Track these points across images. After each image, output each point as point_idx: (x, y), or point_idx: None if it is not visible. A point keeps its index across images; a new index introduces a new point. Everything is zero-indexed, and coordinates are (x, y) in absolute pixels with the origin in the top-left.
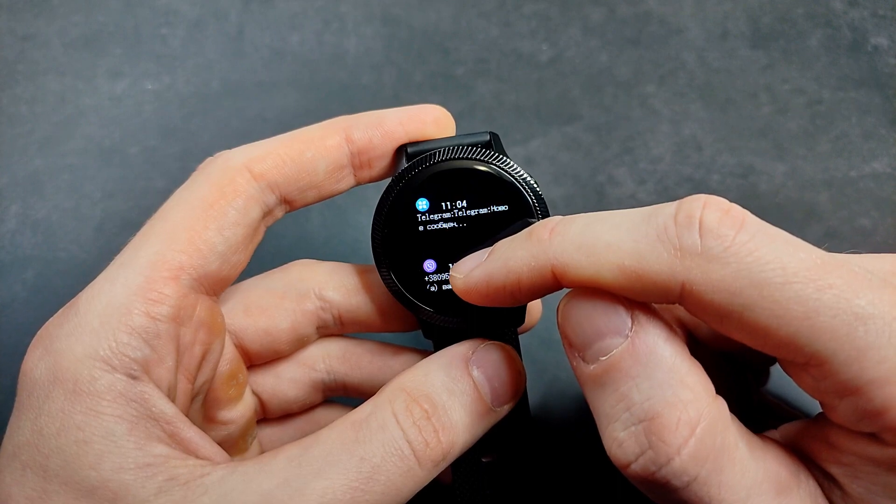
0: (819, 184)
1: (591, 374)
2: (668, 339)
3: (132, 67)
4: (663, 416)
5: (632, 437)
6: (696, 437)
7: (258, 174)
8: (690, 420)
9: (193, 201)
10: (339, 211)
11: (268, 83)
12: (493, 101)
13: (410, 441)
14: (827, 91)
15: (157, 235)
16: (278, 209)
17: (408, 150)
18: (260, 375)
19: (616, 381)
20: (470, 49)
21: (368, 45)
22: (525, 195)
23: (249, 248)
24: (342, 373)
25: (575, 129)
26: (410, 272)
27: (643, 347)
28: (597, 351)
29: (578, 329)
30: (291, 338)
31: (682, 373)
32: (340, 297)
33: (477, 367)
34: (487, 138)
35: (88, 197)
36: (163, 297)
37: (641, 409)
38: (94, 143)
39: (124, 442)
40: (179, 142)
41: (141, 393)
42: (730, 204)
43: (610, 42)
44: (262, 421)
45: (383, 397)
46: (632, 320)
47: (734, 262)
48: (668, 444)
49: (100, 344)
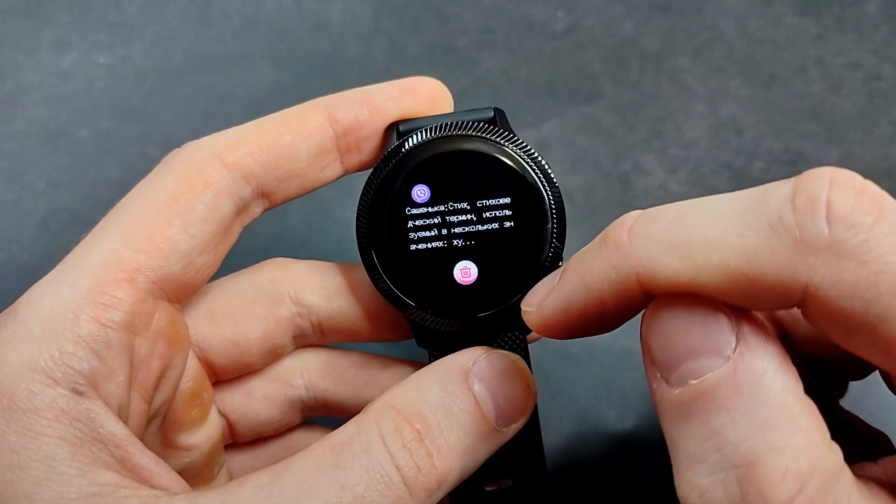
0: (879, 173)
1: (674, 399)
2: (781, 367)
3: (81, 38)
4: (766, 463)
5: (720, 485)
6: (804, 496)
7: (231, 163)
8: (800, 472)
9: (155, 195)
10: (323, 204)
11: (239, 56)
12: (501, 77)
13: (399, 467)
14: (888, 65)
15: (113, 233)
16: (255, 205)
17: (399, 128)
18: (227, 393)
19: (707, 412)
20: (474, 16)
21: (356, 11)
22: (536, 183)
23: (220, 250)
24: (323, 389)
25: (595, 110)
26: (400, 265)
27: (747, 375)
28: (687, 372)
29: (666, 343)
30: (263, 349)
31: (795, 412)
32: (320, 300)
33: (478, 381)
34: (492, 114)
35: (30, 188)
36: (115, 302)
37: (737, 451)
38: (37, 125)
39: (66, 468)
40: (136, 124)
41: (87, 411)
42: (863, 181)
43: (636, 8)
44: (230, 446)
45: (369, 416)
46: (736, 339)
47: (873, 261)
48: (768, 500)
49: (41, 354)
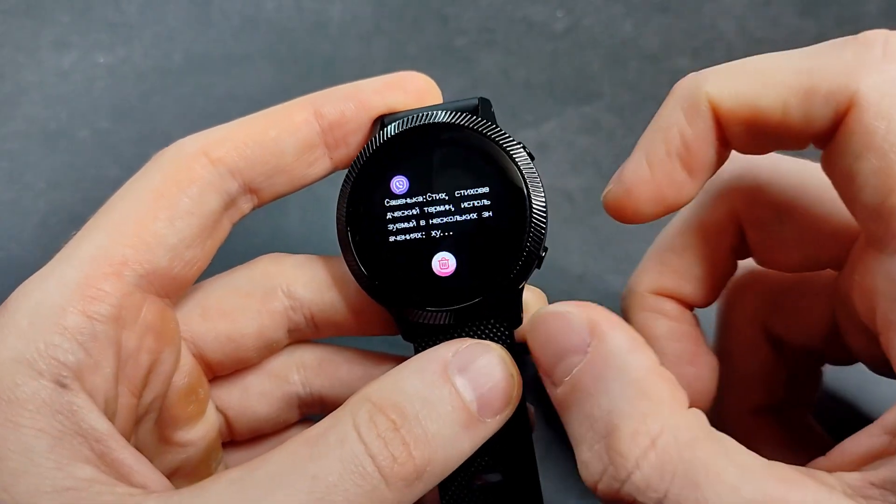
0: None
1: (557, 397)
2: (632, 349)
3: (81, 38)
4: (621, 429)
5: (595, 456)
6: (657, 450)
7: (216, 159)
8: (650, 432)
9: (142, 191)
10: (322, 203)
11: (238, 56)
12: (500, 77)
13: (374, 456)
14: None
15: (100, 228)
16: (243, 200)
17: (384, 120)
18: (224, 389)
19: (580, 400)
20: (473, 16)
21: (356, 12)
22: (514, 172)
23: (209, 245)
24: (319, 385)
25: (595, 110)
26: (379, 257)
27: (600, 361)
28: (561, 372)
29: (542, 351)
30: (258, 343)
31: (646, 384)
32: (311, 293)
33: (458, 371)
34: (476, 103)
35: (30, 187)
36: (102, 295)
37: (602, 425)
38: (37, 125)
39: (43, 460)
40: (136, 124)
41: (69, 404)
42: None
43: (636, 8)
44: (229, 444)
45: (345, 409)
46: (590, 335)
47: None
48: (625, 458)
49: (27, 346)
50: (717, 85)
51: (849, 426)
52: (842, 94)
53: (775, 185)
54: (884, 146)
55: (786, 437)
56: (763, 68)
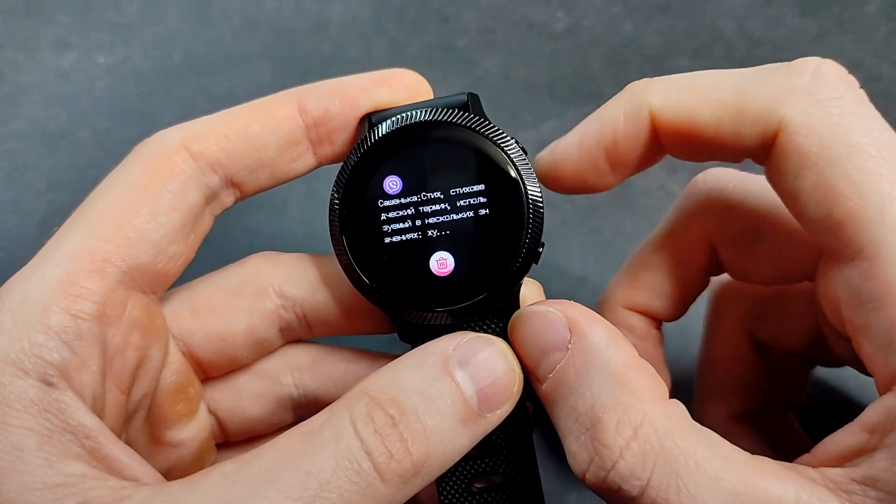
0: None
1: (544, 393)
2: (611, 345)
3: (82, 38)
4: (604, 420)
5: (581, 446)
6: (639, 439)
7: (197, 152)
8: (632, 422)
9: (123, 185)
10: (322, 203)
11: (238, 56)
12: (501, 78)
13: (370, 452)
14: (888, 66)
15: (82, 224)
16: (225, 194)
17: (371, 118)
18: (216, 390)
19: (565, 395)
20: (473, 16)
21: (355, 12)
22: (509, 167)
23: (191, 239)
24: (313, 386)
25: (595, 110)
26: (375, 259)
27: (581, 357)
28: (545, 370)
29: (527, 351)
30: (249, 342)
31: (626, 377)
32: (303, 292)
33: (459, 365)
34: (465, 99)
35: (31, 188)
36: (85, 292)
37: (586, 417)
38: (37, 125)
39: (32, 458)
40: (136, 124)
41: (56, 402)
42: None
43: (635, 8)
44: (224, 446)
45: (342, 403)
46: (570, 332)
47: (837, 115)
48: (609, 448)
49: (11, 346)
50: (660, 96)
51: (840, 426)
52: (769, 118)
53: (746, 205)
54: (818, 163)
55: (766, 441)
56: (704, 85)
